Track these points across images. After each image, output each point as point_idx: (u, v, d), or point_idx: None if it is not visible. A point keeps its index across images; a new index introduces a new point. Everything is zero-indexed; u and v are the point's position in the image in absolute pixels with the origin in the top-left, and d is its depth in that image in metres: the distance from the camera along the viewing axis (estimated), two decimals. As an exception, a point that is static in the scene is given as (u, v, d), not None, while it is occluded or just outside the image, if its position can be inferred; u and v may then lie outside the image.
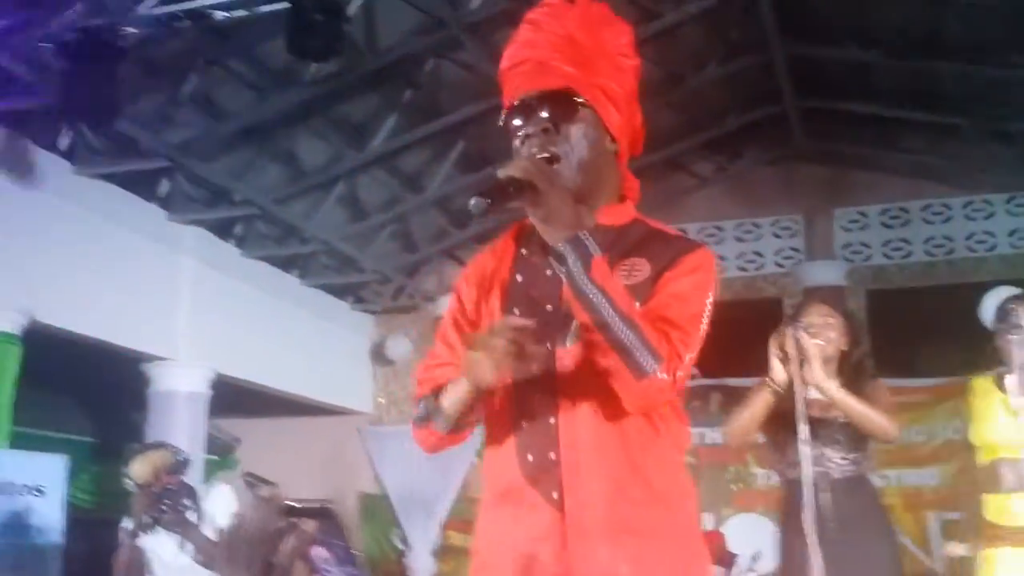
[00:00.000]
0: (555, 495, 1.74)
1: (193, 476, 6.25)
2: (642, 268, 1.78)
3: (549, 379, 1.76)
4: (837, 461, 3.63)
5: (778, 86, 8.88)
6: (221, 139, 7.49)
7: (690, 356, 1.73)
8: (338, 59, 6.28)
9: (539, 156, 1.77)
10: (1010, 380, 3.79)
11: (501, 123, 1.85)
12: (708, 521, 8.37)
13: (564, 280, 1.67)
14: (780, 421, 3.66)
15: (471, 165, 9.15)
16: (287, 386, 9.52)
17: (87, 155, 7.23)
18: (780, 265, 10.43)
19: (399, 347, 10.74)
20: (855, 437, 3.64)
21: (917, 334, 9.59)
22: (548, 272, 1.77)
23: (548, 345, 1.76)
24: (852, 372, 3.73)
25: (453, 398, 1.80)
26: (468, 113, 8.27)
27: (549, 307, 1.79)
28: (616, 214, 1.86)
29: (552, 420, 1.77)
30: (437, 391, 1.84)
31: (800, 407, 3.52)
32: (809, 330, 3.62)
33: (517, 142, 1.82)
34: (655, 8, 7.68)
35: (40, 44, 5.88)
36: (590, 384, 1.73)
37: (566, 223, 1.65)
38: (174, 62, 6.83)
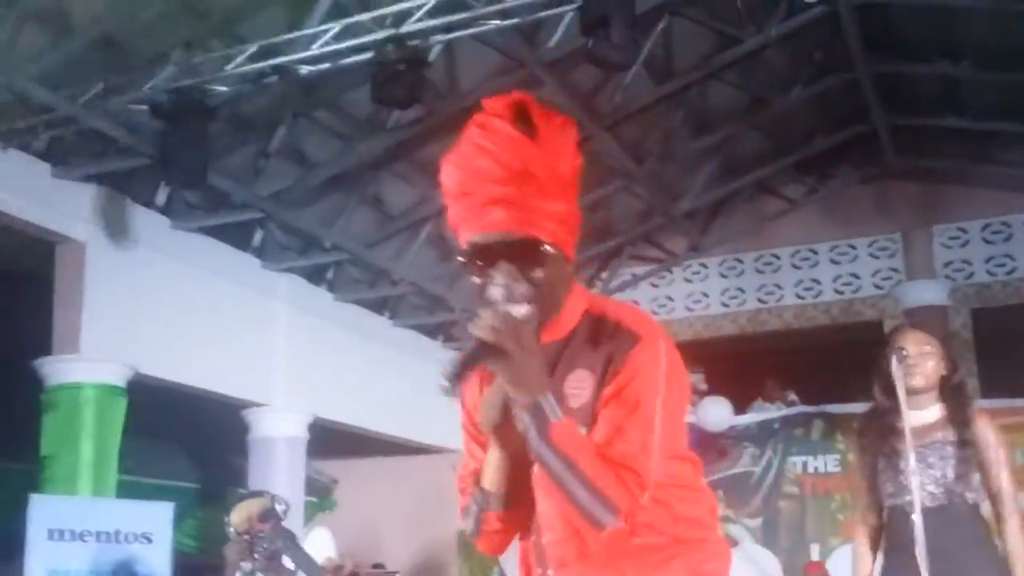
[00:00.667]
0: None
1: (293, 520, 6.34)
2: (587, 384, 1.78)
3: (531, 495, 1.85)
4: (942, 488, 3.51)
5: (866, 104, 8.70)
6: (310, 188, 7.65)
7: (647, 491, 1.74)
8: (421, 105, 6.38)
9: (505, 306, 1.73)
10: None
11: (461, 260, 1.80)
12: (814, 551, 8.15)
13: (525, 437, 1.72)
14: (883, 448, 3.57)
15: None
16: (381, 426, 9.61)
17: (184, 210, 7.47)
18: (879, 287, 10.15)
19: (491, 383, 10.75)
20: (962, 464, 3.52)
21: (1024, 352, 9.24)
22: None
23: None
24: (953, 397, 3.62)
25: (490, 472, 1.83)
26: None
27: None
28: (563, 324, 1.83)
29: (538, 538, 1.87)
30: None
31: (907, 435, 3.42)
32: (907, 362, 3.52)
33: (477, 279, 1.78)
34: (736, 34, 7.61)
35: (135, 106, 6.09)
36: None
37: (530, 386, 1.68)
38: (263, 116, 7.02)
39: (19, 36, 5.74)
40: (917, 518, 3.35)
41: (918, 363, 3.55)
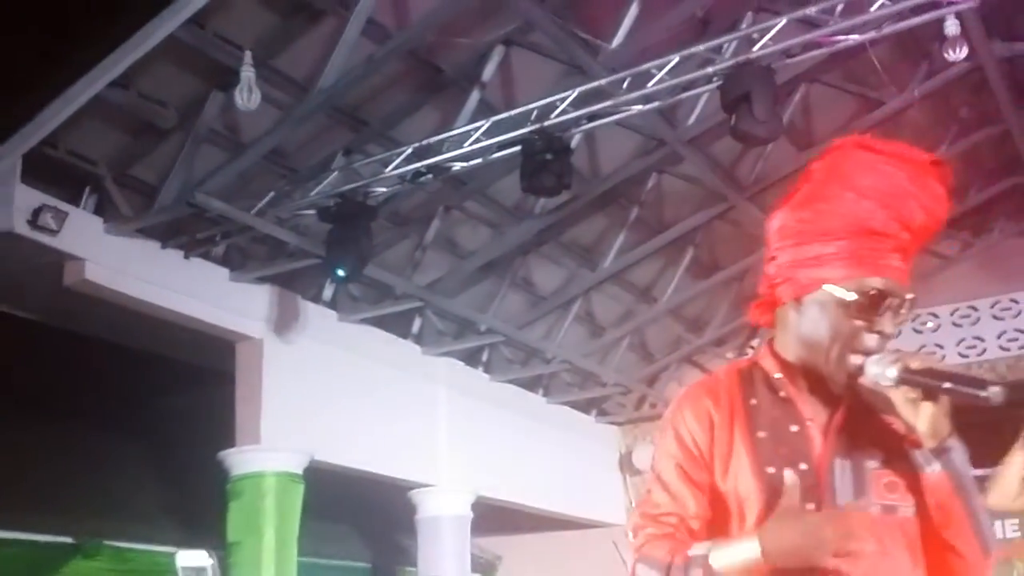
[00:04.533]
0: None
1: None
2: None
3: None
4: None
5: (1018, 155, 8.46)
6: (464, 275, 7.97)
7: None
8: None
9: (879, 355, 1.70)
10: None
11: (847, 297, 1.71)
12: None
13: (943, 471, 1.68)
14: None
15: (701, 271, 9.23)
16: (541, 502, 9.73)
17: (349, 303, 7.89)
18: (1048, 341, 9.73)
19: (646, 456, 10.75)
20: None
21: None
22: (793, 428, 1.76)
23: (811, 505, 1.70)
24: None
25: (729, 560, 1.65)
26: (694, 222, 8.40)
27: (803, 466, 1.73)
28: None
29: None
30: (682, 551, 1.70)
31: None
32: None
33: (857, 321, 1.72)
34: (877, 97, 7.58)
35: (303, 212, 6.53)
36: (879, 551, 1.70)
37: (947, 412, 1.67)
38: (418, 211, 7.40)
39: (196, 155, 6.27)
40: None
41: None
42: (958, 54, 5.57)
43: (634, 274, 9.14)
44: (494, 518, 9.30)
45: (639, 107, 6.02)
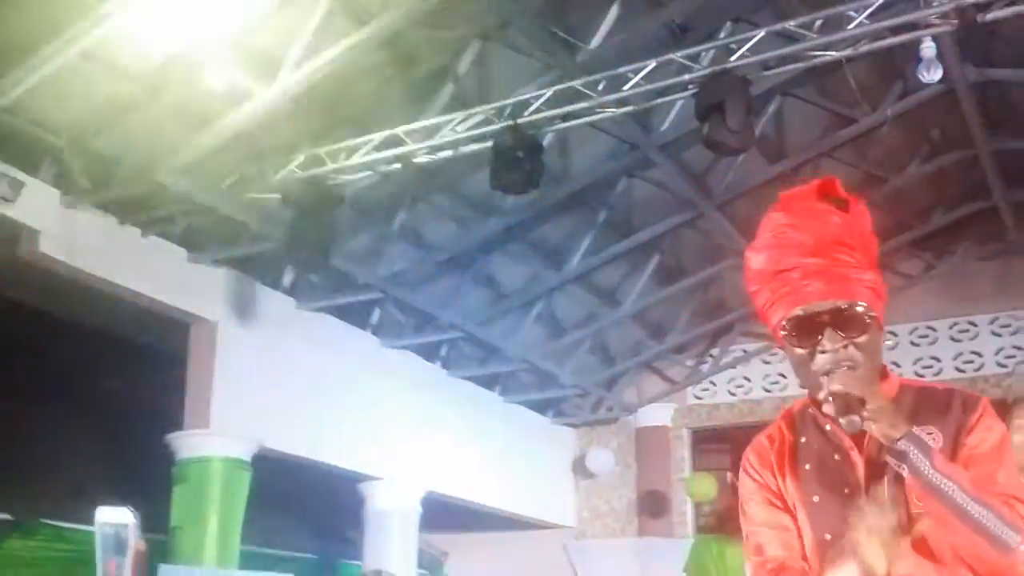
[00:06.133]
0: None
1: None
2: (936, 437, 1.82)
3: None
4: None
5: (986, 180, 8.53)
6: (427, 269, 7.89)
7: None
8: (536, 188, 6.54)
9: (841, 367, 1.81)
10: None
11: (783, 333, 1.87)
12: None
13: (906, 474, 1.73)
14: None
15: (666, 278, 9.21)
16: (493, 501, 9.68)
17: (308, 291, 7.77)
18: (1002, 365, 9.82)
19: (600, 460, 10.74)
20: None
21: None
22: (836, 457, 1.88)
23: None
24: None
25: None
26: (662, 228, 8.37)
27: (846, 491, 1.85)
28: (886, 389, 1.90)
29: None
30: None
31: None
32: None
33: (799, 350, 1.85)
34: (850, 114, 7.60)
35: (267, 195, 6.41)
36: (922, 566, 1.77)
37: (898, 424, 1.73)
38: (385, 202, 7.30)
39: (160, 130, 6.13)
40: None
41: None
42: (932, 76, 5.57)
43: (599, 277, 9.11)
44: (443, 514, 9.23)
45: (613, 110, 5.98)
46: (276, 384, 7.32)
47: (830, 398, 1.76)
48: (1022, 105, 7.79)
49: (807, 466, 1.91)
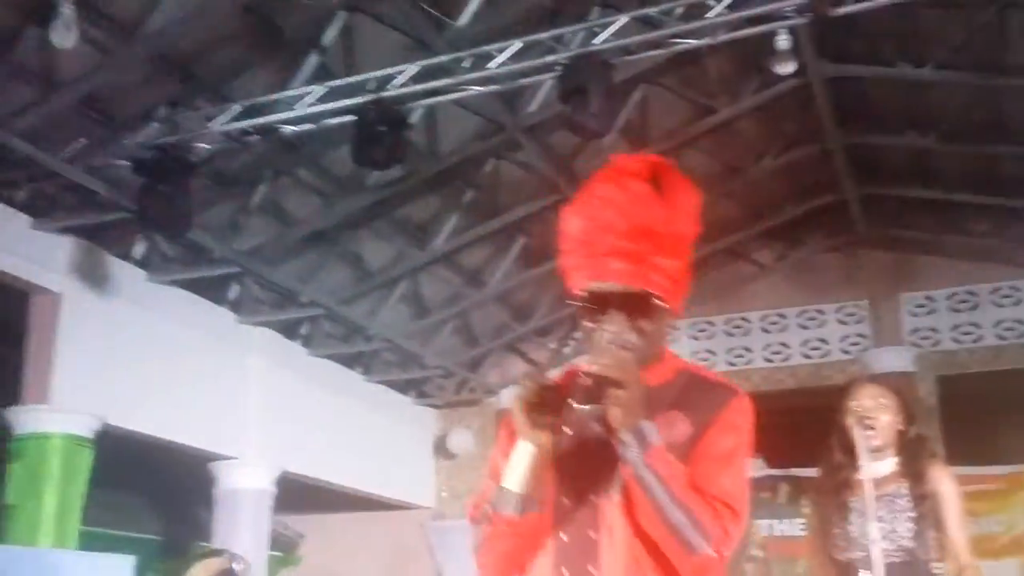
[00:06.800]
0: None
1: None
2: (683, 427, 1.86)
3: (593, 528, 1.85)
4: (895, 544, 3.56)
5: (837, 174, 8.89)
6: (288, 244, 7.71)
7: (739, 532, 1.81)
8: (401, 165, 6.47)
9: (618, 347, 1.86)
10: None
11: (576, 304, 1.90)
12: (779, 614, 8.17)
13: (622, 459, 1.77)
14: (835, 502, 3.64)
15: (531, 260, 9.26)
16: (351, 482, 9.57)
17: (161, 263, 7.49)
18: (846, 352, 10.29)
19: (461, 441, 10.77)
20: (920, 519, 3.57)
21: (991, 420, 9.37)
22: (597, 427, 1.87)
23: (593, 496, 1.86)
24: (910, 451, 3.69)
25: (517, 468, 1.82)
26: (527, 211, 8.41)
27: (597, 460, 1.87)
28: (659, 373, 1.93)
29: (593, 570, 1.84)
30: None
31: (867, 488, 3.49)
32: (863, 413, 3.62)
33: (588, 323, 1.90)
34: (710, 104, 7.79)
35: (117, 162, 6.14)
36: (634, 540, 1.82)
37: (636, 414, 1.76)
38: (244, 173, 7.09)
39: (3, 91, 5.78)
40: (877, 572, 3.40)
41: (874, 416, 3.64)
42: (786, 68, 5.75)
43: (464, 257, 9.09)
44: (300, 495, 9.08)
45: (478, 88, 5.97)
46: (124, 359, 7.03)
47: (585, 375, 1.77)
48: (877, 101, 8.12)
49: (567, 429, 1.90)
